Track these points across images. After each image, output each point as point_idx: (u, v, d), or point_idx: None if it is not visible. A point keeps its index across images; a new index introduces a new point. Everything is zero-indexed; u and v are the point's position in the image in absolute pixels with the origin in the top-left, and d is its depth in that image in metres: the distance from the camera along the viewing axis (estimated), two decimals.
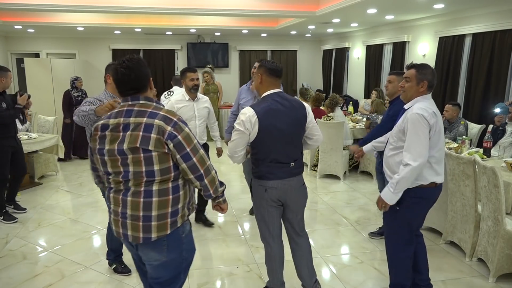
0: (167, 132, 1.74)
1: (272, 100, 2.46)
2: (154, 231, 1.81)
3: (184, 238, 1.93)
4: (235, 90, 11.12)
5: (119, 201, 1.84)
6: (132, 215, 1.81)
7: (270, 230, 2.64)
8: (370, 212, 4.57)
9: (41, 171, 5.76)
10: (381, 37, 8.32)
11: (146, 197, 1.79)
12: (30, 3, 5.90)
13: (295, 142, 2.53)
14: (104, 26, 8.42)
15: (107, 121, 1.82)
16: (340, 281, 3.13)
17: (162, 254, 1.87)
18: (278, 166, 2.48)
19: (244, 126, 2.41)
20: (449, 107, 4.95)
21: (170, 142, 1.74)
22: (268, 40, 11.18)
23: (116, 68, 1.80)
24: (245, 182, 5.74)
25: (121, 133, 1.77)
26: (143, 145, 1.73)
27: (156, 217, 1.80)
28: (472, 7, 5.74)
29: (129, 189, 1.81)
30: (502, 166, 3.79)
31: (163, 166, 1.77)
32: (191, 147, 1.80)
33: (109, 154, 1.79)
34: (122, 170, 1.79)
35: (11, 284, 3.07)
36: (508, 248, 2.97)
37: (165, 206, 1.81)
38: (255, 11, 6.58)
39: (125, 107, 1.82)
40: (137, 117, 1.77)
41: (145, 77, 1.84)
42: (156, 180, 1.78)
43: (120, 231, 1.86)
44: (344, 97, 9.45)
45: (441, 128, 2.42)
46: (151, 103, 1.84)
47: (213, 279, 3.15)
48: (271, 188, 2.51)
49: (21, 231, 4.02)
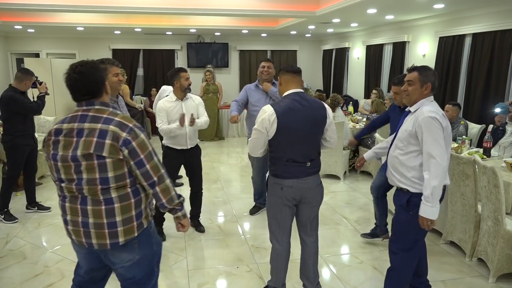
0: (122, 138, 1.71)
1: (291, 100, 2.47)
2: (121, 236, 1.80)
3: (153, 233, 1.96)
4: (235, 90, 11.14)
5: (77, 211, 1.79)
6: (95, 223, 1.77)
7: (280, 229, 2.64)
8: (370, 212, 4.57)
9: (41, 171, 5.75)
10: (381, 37, 8.32)
11: (107, 204, 1.76)
12: (30, 3, 5.90)
13: (312, 142, 2.53)
14: (104, 26, 8.42)
15: (60, 125, 1.78)
16: (340, 281, 3.13)
17: (134, 253, 1.87)
18: (294, 165, 2.48)
19: (262, 126, 2.43)
20: (449, 107, 4.94)
21: (125, 148, 1.72)
22: (268, 40, 11.18)
23: (69, 73, 1.76)
24: (245, 182, 5.75)
25: (74, 138, 1.73)
26: (97, 151, 1.69)
27: (121, 222, 1.78)
28: (472, 7, 5.74)
29: (86, 197, 1.77)
30: (502, 166, 3.79)
31: (118, 172, 1.74)
32: (145, 153, 1.77)
33: (62, 160, 1.75)
34: (75, 177, 1.75)
35: (11, 284, 3.07)
36: (508, 248, 2.97)
37: (128, 210, 1.80)
38: (255, 11, 6.58)
39: (79, 112, 1.78)
40: (92, 123, 1.73)
41: (100, 81, 1.81)
42: (112, 187, 1.75)
43: (83, 241, 1.82)
44: (344, 97, 9.44)
45: (450, 130, 2.40)
46: (107, 108, 1.81)
47: (213, 279, 3.15)
48: (287, 186, 2.51)
49: (21, 231, 4.02)
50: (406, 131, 2.40)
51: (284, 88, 2.55)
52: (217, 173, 6.22)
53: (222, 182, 5.76)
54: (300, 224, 2.71)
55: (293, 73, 2.54)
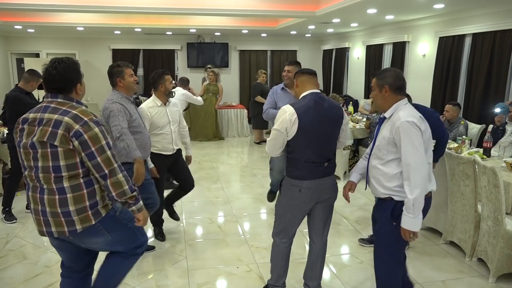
0: (74, 130, 1.81)
1: (310, 99, 2.47)
2: (78, 224, 1.90)
3: (121, 215, 2.06)
4: (235, 90, 11.16)
5: (37, 200, 1.92)
6: (51, 212, 1.89)
7: (287, 230, 2.63)
8: (370, 212, 4.56)
9: None
10: (381, 37, 8.32)
11: (60, 194, 1.87)
12: (30, 3, 5.90)
13: (330, 142, 2.54)
14: (104, 26, 8.42)
15: (27, 115, 1.92)
16: (340, 281, 3.13)
17: (104, 236, 1.98)
18: (312, 166, 2.47)
19: (282, 126, 2.41)
20: (449, 107, 4.94)
21: (75, 140, 1.82)
22: (268, 40, 11.18)
23: (47, 67, 1.92)
24: (245, 182, 5.75)
25: (36, 127, 1.86)
26: (50, 140, 1.82)
27: (75, 211, 1.89)
28: (472, 7, 5.74)
29: (43, 187, 1.89)
30: (502, 166, 3.79)
31: (69, 162, 1.85)
32: (97, 146, 1.86)
33: (23, 147, 1.89)
34: (32, 164, 1.88)
35: (11, 284, 3.07)
36: (508, 248, 2.97)
37: (81, 200, 1.89)
38: (255, 11, 6.58)
39: (44, 103, 1.93)
40: (51, 113, 1.86)
41: (72, 81, 1.94)
42: (64, 176, 1.86)
43: (44, 230, 1.95)
44: (344, 97, 9.44)
45: (430, 132, 2.29)
46: (68, 102, 1.92)
47: (213, 279, 3.15)
48: (306, 188, 2.49)
49: (21, 231, 4.02)
50: (384, 139, 2.27)
51: (301, 89, 2.55)
52: (217, 173, 6.22)
53: (222, 182, 5.76)
54: (313, 225, 2.69)
55: (309, 74, 2.56)
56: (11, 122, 4.13)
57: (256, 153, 7.68)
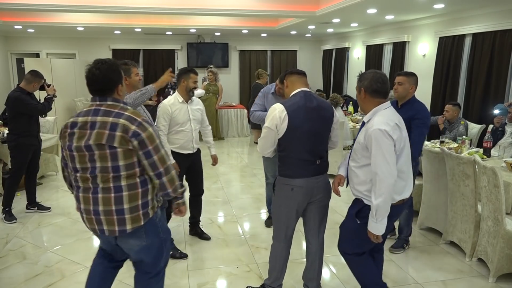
0: (131, 130, 1.88)
1: (300, 97, 2.48)
2: (129, 223, 1.96)
3: (159, 222, 2.12)
4: (235, 90, 11.16)
5: (89, 200, 1.96)
6: (105, 210, 1.94)
7: (284, 231, 2.63)
8: None
9: (41, 171, 5.74)
10: (381, 37, 8.32)
11: (117, 192, 1.93)
12: (30, 3, 5.90)
13: (321, 139, 2.54)
14: (104, 26, 8.42)
15: (76, 119, 1.95)
16: (340, 281, 3.13)
17: (141, 239, 2.04)
18: (304, 164, 2.48)
19: (273, 123, 2.42)
20: (449, 107, 4.94)
21: (134, 139, 1.88)
22: (268, 40, 11.18)
23: (90, 67, 1.95)
24: (245, 182, 5.75)
25: (88, 130, 1.90)
26: (109, 142, 1.87)
27: (129, 209, 1.95)
28: (472, 7, 5.74)
29: (97, 186, 1.94)
30: (502, 166, 3.79)
31: (128, 161, 1.91)
32: (153, 145, 1.93)
33: (77, 150, 1.92)
34: (89, 166, 1.92)
35: (11, 284, 3.07)
36: (508, 248, 2.97)
37: (135, 199, 1.96)
38: (255, 11, 6.58)
39: (93, 107, 1.96)
40: (104, 116, 1.91)
41: (113, 82, 1.97)
42: (123, 175, 1.92)
43: (96, 227, 2.00)
44: (344, 97, 9.44)
45: (406, 139, 2.28)
46: (118, 104, 1.97)
47: (213, 279, 3.15)
48: (298, 187, 2.50)
49: (21, 231, 4.02)
50: (359, 143, 2.31)
51: (291, 89, 2.56)
52: (217, 173, 6.22)
53: (222, 182, 5.76)
54: (308, 226, 2.70)
55: (298, 74, 2.58)
56: (12, 122, 4.13)
57: (256, 153, 7.67)
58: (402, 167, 2.27)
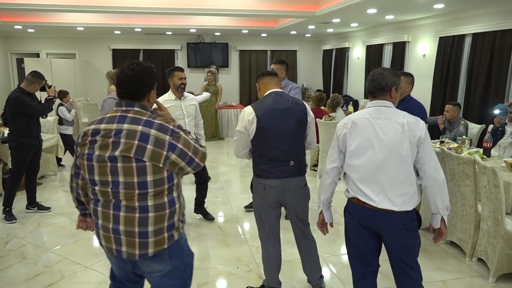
0: (166, 143, 1.67)
1: (271, 99, 2.50)
2: (151, 247, 1.73)
3: (183, 244, 1.89)
4: (235, 90, 11.16)
5: (109, 216, 1.72)
6: (126, 231, 1.70)
7: (266, 230, 2.67)
8: None
9: (41, 171, 5.73)
10: (381, 37, 8.32)
11: (142, 212, 1.69)
12: (30, 3, 5.90)
13: (294, 140, 2.53)
14: (104, 26, 8.42)
15: (98, 126, 1.72)
16: (340, 281, 3.13)
17: (165, 264, 1.80)
18: (277, 165, 2.49)
19: (242, 126, 2.47)
20: (449, 107, 4.94)
21: (172, 153, 1.68)
22: (268, 40, 11.18)
23: (123, 68, 1.75)
24: (245, 182, 5.74)
25: (112, 139, 1.67)
26: (137, 155, 1.64)
27: (153, 232, 1.71)
28: (472, 7, 5.74)
29: (119, 203, 1.70)
30: (502, 166, 3.79)
31: (157, 177, 1.68)
32: (191, 150, 1.74)
33: (98, 160, 1.69)
34: (110, 179, 1.69)
35: (11, 284, 3.07)
36: (508, 248, 2.97)
37: (161, 220, 1.73)
38: (255, 11, 6.58)
39: (118, 113, 1.73)
40: (132, 124, 1.68)
41: (146, 87, 1.77)
42: (150, 193, 1.69)
43: (113, 247, 1.76)
44: (344, 97, 9.45)
45: (364, 143, 2.09)
46: (146, 111, 1.76)
47: (213, 279, 3.15)
48: (270, 187, 2.52)
49: (21, 231, 4.02)
50: None
51: (263, 90, 2.59)
52: (217, 173, 6.22)
53: (222, 182, 5.76)
54: (293, 227, 2.73)
55: (269, 76, 2.60)
56: (12, 123, 4.13)
57: None
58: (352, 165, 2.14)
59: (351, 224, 2.22)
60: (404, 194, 2.05)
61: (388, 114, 2.09)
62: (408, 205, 2.06)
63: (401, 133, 2.03)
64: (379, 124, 2.07)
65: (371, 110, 2.13)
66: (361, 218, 2.15)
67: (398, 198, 2.04)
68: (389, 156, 2.04)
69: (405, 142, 2.03)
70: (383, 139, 2.05)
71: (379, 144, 2.05)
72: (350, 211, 2.20)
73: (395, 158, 2.03)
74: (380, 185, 2.06)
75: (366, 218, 2.13)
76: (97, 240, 1.84)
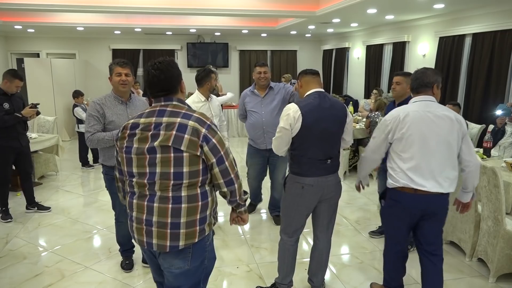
0: (202, 134, 1.70)
1: (314, 98, 2.50)
2: (182, 239, 1.75)
3: (208, 247, 1.90)
4: (235, 90, 11.15)
5: (143, 208, 1.76)
6: (158, 221, 1.74)
7: (293, 226, 2.66)
8: (370, 212, 4.57)
9: (41, 171, 5.75)
10: (381, 37, 8.32)
11: (175, 203, 1.73)
12: (30, 3, 5.90)
13: (334, 139, 2.56)
14: (104, 26, 8.43)
15: (137, 120, 1.78)
16: (340, 281, 3.13)
17: (185, 262, 1.82)
18: (316, 163, 2.50)
19: (287, 123, 2.46)
20: (449, 107, 4.92)
21: (205, 145, 1.71)
22: (268, 40, 11.19)
23: (148, 70, 1.79)
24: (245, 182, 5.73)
25: (152, 132, 1.72)
26: (175, 144, 1.68)
27: (185, 224, 1.74)
28: (472, 7, 5.74)
29: (154, 194, 1.74)
30: (502, 166, 3.79)
31: (193, 168, 1.72)
32: (224, 150, 1.78)
33: (137, 152, 1.74)
34: (147, 171, 1.73)
35: (11, 284, 3.07)
36: (508, 248, 2.97)
37: (194, 212, 1.75)
38: (255, 11, 6.58)
39: (157, 107, 1.79)
40: (171, 117, 1.73)
41: (176, 78, 1.81)
42: (184, 184, 1.72)
43: (144, 240, 1.79)
44: (344, 97, 9.45)
45: (418, 134, 2.33)
46: (184, 105, 1.82)
47: (213, 279, 3.14)
48: (308, 185, 2.53)
49: (21, 231, 4.02)
50: None
51: (305, 89, 2.60)
52: None
53: None
54: (317, 222, 2.72)
55: (312, 74, 2.61)
56: None
57: None
58: (404, 155, 2.39)
59: (394, 211, 2.51)
60: (449, 178, 2.37)
61: (436, 108, 2.36)
62: (451, 187, 2.40)
63: (451, 124, 2.32)
64: (430, 116, 2.33)
65: (418, 104, 2.39)
66: (412, 204, 2.41)
67: (445, 182, 2.36)
68: (440, 145, 2.32)
69: (454, 132, 2.33)
70: (435, 130, 2.31)
71: (432, 135, 2.31)
72: (397, 199, 2.45)
73: (445, 147, 2.33)
74: (431, 171, 2.33)
75: (417, 203, 2.41)
76: (131, 234, 1.87)
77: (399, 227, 2.55)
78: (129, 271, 3.21)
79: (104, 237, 3.86)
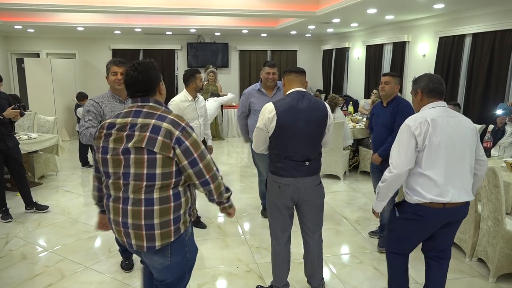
0: (175, 136, 1.72)
1: (292, 98, 2.49)
2: (158, 240, 1.79)
3: (187, 241, 1.94)
4: (235, 90, 11.14)
5: (119, 211, 1.80)
6: (133, 224, 1.78)
7: (277, 228, 2.65)
8: (370, 212, 4.57)
9: (41, 171, 5.75)
10: (381, 37, 8.32)
11: (147, 205, 1.76)
12: (30, 3, 5.90)
13: (312, 141, 2.53)
14: (104, 26, 8.43)
15: (114, 120, 1.81)
16: (340, 281, 3.13)
17: (166, 258, 1.87)
18: (292, 164, 2.49)
19: (262, 123, 2.48)
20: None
21: (178, 147, 1.72)
22: (268, 40, 11.19)
23: (127, 71, 1.83)
24: (245, 182, 5.75)
25: (126, 132, 1.75)
26: (149, 146, 1.71)
27: (159, 225, 1.78)
28: (472, 7, 5.74)
29: (128, 197, 1.77)
30: (502, 166, 3.79)
31: (166, 170, 1.74)
32: (198, 152, 1.78)
33: (112, 153, 1.77)
34: (122, 171, 1.75)
35: (11, 284, 3.07)
36: (508, 248, 2.97)
37: (167, 213, 1.78)
38: (255, 11, 6.58)
39: (134, 108, 1.81)
40: (146, 118, 1.75)
41: (154, 80, 1.83)
42: (157, 186, 1.75)
43: (125, 240, 1.85)
44: (344, 97, 9.45)
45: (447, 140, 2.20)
46: (160, 106, 1.83)
47: (213, 279, 3.15)
48: (285, 185, 2.52)
49: (21, 231, 4.02)
50: None
51: (287, 87, 2.58)
52: None
53: None
54: (302, 227, 2.71)
55: (295, 73, 2.57)
56: None
57: None
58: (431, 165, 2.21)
59: (417, 227, 2.34)
60: (470, 183, 2.30)
61: (455, 114, 2.34)
62: (472, 192, 2.34)
63: (472, 130, 2.29)
64: (454, 122, 2.27)
65: (439, 110, 2.30)
66: (438, 218, 2.29)
67: (469, 188, 2.30)
68: (465, 150, 2.26)
69: (474, 137, 2.29)
70: (460, 135, 2.25)
71: (458, 140, 2.24)
72: (422, 214, 2.27)
73: (468, 152, 2.27)
74: (460, 179, 2.25)
75: (444, 217, 2.29)
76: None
77: (416, 239, 2.45)
78: (129, 271, 3.21)
79: (104, 237, 3.86)
